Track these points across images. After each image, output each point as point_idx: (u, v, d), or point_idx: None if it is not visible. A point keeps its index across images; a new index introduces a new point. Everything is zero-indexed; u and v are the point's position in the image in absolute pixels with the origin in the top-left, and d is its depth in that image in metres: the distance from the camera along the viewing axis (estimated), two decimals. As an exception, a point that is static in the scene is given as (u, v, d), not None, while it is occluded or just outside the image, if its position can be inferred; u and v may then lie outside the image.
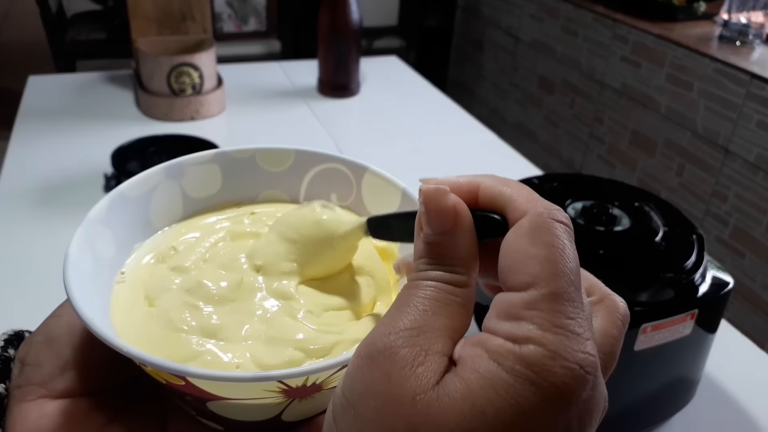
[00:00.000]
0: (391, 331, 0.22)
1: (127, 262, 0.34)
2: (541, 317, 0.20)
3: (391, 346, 0.21)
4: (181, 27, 1.25)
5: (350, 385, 0.22)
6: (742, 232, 1.63)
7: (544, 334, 0.20)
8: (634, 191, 0.68)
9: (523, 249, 0.22)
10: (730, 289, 0.59)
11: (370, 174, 0.37)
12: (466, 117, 1.33)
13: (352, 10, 1.27)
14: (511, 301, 0.21)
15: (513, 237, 0.22)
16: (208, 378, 0.25)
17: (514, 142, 1.40)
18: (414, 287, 0.23)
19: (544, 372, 0.19)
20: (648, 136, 1.90)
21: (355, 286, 0.33)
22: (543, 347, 0.20)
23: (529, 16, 2.37)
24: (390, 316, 0.23)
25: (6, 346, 0.30)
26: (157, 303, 0.31)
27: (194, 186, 0.38)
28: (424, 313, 0.22)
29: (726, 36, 1.78)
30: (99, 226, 0.33)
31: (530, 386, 0.19)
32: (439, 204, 0.23)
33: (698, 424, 0.65)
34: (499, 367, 0.20)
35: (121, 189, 0.34)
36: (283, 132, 1.21)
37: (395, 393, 0.20)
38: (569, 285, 0.21)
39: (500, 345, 0.20)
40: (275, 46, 2.76)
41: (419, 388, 0.20)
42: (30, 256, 0.82)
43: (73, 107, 1.25)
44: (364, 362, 0.22)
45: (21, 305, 0.73)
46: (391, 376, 0.21)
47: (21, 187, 0.97)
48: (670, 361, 0.59)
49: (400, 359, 0.21)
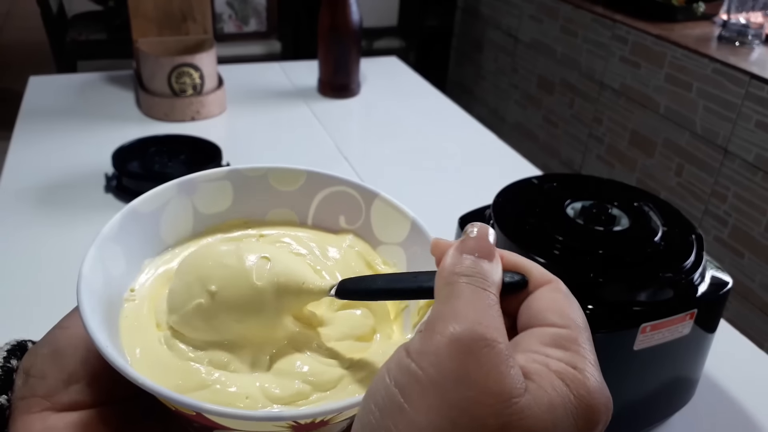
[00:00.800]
0: (479, 322, 0.23)
1: (137, 279, 0.34)
2: (584, 352, 0.25)
3: (488, 339, 0.23)
4: (181, 27, 1.25)
5: (436, 362, 0.22)
6: (741, 232, 1.63)
7: (591, 366, 0.24)
8: (634, 191, 0.68)
9: (560, 300, 0.27)
10: (729, 289, 0.59)
11: (381, 200, 0.37)
12: (466, 117, 1.33)
13: (352, 10, 1.27)
14: (557, 333, 0.25)
15: (549, 291, 0.27)
16: (220, 415, 0.26)
17: (513, 142, 1.40)
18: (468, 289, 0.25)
19: (595, 400, 0.23)
20: (647, 136, 1.90)
21: (353, 318, 0.33)
22: (594, 377, 0.24)
23: (529, 16, 2.37)
24: (459, 307, 0.24)
25: (9, 357, 0.31)
26: (165, 326, 0.31)
27: (205, 202, 0.38)
28: (493, 315, 0.24)
29: (725, 36, 1.78)
30: (111, 243, 0.33)
31: (587, 411, 0.23)
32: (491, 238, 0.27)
33: (697, 424, 0.65)
34: (569, 390, 0.23)
35: (134, 205, 0.34)
36: (283, 132, 1.21)
37: (493, 389, 0.22)
38: (590, 336, 0.26)
39: (565, 369, 0.24)
40: (276, 46, 2.77)
41: (515, 391, 0.22)
42: (31, 256, 0.82)
43: (74, 107, 1.25)
44: (455, 344, 0.22)
45: (22, 305, 0.73)
46: (489, 371, 0.22)
47: (22, 188, 0.97)
48: (669, 360, 0.59)
49: (498, 355, 0.22)
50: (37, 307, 0.72)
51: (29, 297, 0.74)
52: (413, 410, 0.22)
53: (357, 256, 0.37)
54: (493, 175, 1.10)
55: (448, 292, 0.25)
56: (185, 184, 0.37)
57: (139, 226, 0.35)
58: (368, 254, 0.37)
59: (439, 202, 0.99)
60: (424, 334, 0.23)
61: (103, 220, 0.33)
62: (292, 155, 1.13)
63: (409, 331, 0.34)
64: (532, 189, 0.68)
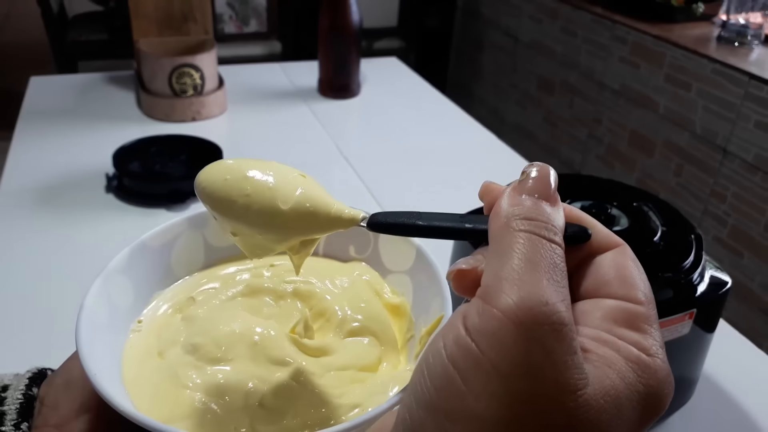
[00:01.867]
0: (543, 297, 0.21)
1: (145, 311, 0.34)
2: (657, 336, 0.23)
3: (553, 321, 0.20)
4: (182, 28, 1.25)
5: (497, 346, 0.20)
6: (741, 231, 1.63)
7: (662, 351, 0.23)
8: (633, 191, 0.69)
9: (636, 270, 0.24)
10: (728, 289, 0.59)
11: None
12: (466, 117, 1.33)
13: (352, 11, 1.28)
14: (634, 312, 0.23)
15: (620, 257, 0.25)
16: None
17: (513, 142, 1.41)
18: (529, 241, 0.22)
19: (664, 389, 0.22)
20: (647, 136, 1.90)
21: (359, 347, 0.33)
22: (665, 364, 0.23)
23: (528, 17, 2.37)
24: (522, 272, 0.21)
25: (31, 385, 0.31)
26: (167, 356, 0.32)
27: (216, 235, 0.38)
28: (556, 280, 0.22)
29: (724, 37, 1.78)
30: (118, 276, 0.33)
31: (654, 400, 0.22)
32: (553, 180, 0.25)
33: (697, 423, 0.65)
34: (638, 380, 0.22)
35: (144, 239, 0.35)
36: (283, 133, 1.22)
37: (558, 379, 0.20)
38: None
39: (637, 356, 0.22)
40: (276, 47, 2.77)
41: (580, 383, 0.20)
42: (31, 256, 0.82)
43: (75, 108, 1.25)
44: (519, 328, 0.20)
45: (22, 306, 0.73)
46: (553, 358, 0.20)
47: (23, 188, 0.97)
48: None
49: (563, 340, 0.20)
50: (37, 307, 0.72)
51: (29, 297, 0.75)
52: (473, 397, 0.20)
53: (366, 285, 0.37)
54: (493, 175, 1.10)
55: (507, 243, 0.22)
56: (195, 219, 0.37)
57: (148, 259, 0.35)
58: (377, 283, 0.37)
59: (439, 203, 0.99)
60: (482, 307, 0.21)
61: (104, 221, 0.34)
62: (292, 156, 1.13)
63: (413, 361, 0.33)
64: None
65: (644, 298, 0.23)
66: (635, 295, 0.23)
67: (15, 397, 0.30)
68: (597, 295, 0.24)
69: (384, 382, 0.31)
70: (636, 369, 0.22)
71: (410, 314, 0.36)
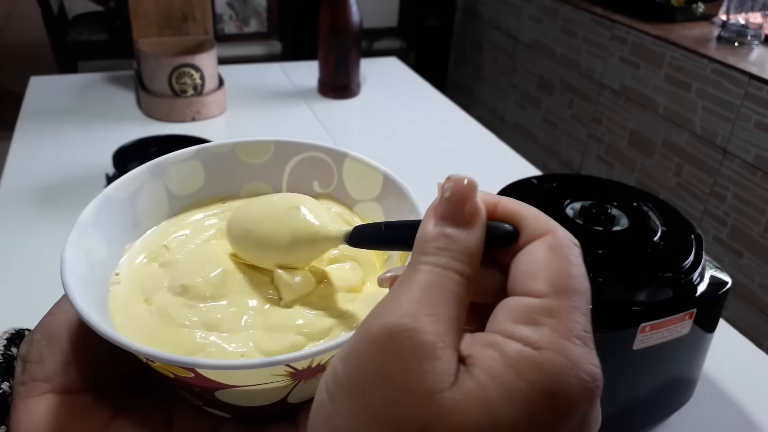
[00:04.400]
0: (407, 313, 0.21)
1: (120, 263, 0.34)
2: (561, 326, 0.21)
3: (409, 330, 0.20)
4: (182, 28, 1.25)
5: (357, 364, 0.21)
6: (740, 231, 1.63)
7: (564, 342, 0.20)
8: (633, 191, 0.69)
9: (546, 260, 0.23)
10: (728, 289, 0.59)
11: (351, 160, 0.38)
12: (466, 117, 1.33)
13: (352, 11, 1.28)
14: (530, 306, 0.21)
15: (537, 248, 0.23)
16: (217, 368, 0.26)
17: (513, 142, 1.41)
18: (423, 271, 0.22)
19: (562, 384, 0.20)
20: (646, 136, 1.90)
21: (342, 270, 0.34)
22: (562, 356, 0.20)
23: (528, 17, 2.37)
24: (401, 296, 0.22)
25: (9, 345, 0.31)
26: (155, 301, 0.32)
27: (178, 183, 0.38)
28: (436, 300, 0.21)
29: (724, 37, 1.78)
30: (89, 229, 0.33)
31: (545, 397, 0.20)
32: (467, 198, 0.23)
33: (696, 423, 0.65)
34: (517, 377, 0.20)
35: (108, 191, 0.35)
36: (283, 133, 1.22)
37: (412, 386, 0.20)
38: (587, 302, 0.22)
39: (519, 351, 0.20)
40: (276, 47, 2.77)
41: (437, 386, 0.20)
42: (31, 256, 0.82)
43: (75, 108, 1.26)
44: (375, 343, 0.21)
45: (23, 305, 0.73)
46: (408, 366, 0.20)
47: (23, 188, 0.97)
48: (669, 360, 0.59)
49: (419, 348, 0.20)
50: (38, 306, 0.72)
51: (31, 296, 0.75)
52: (337, 416, 0.21)
53: (335, 217, 0.37)
54: (493, 175, 1.10)
55: (406, 275, 0.23)
56: (155, 167, 0.37)
57: (115, 211, 0.35)
58: (345, 214, 0.38)
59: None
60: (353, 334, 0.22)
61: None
62: (292, 155, 1.13)
63: None
64: (531, 189, 0.68)
65: (549, 289, 0.22)
66: (536, 287, 0.22)
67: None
68: (511, 294, 0.23)
69: (372, 298, 0.32)
70: (517, 365, 0.20)
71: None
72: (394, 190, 0.35)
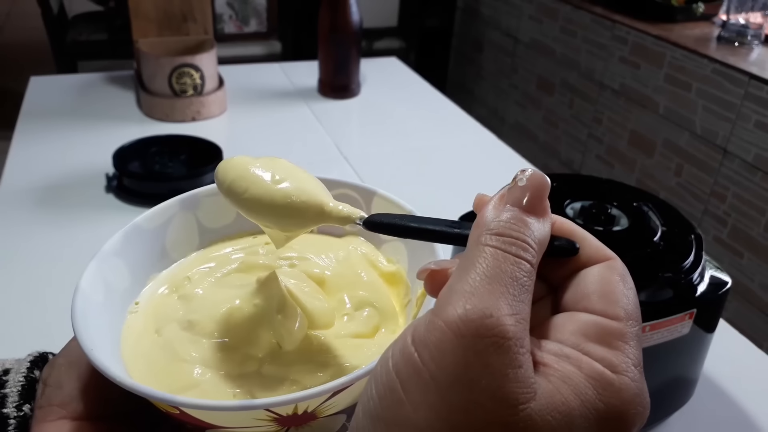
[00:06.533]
0: (493, 309, 0.20)
1: (142, 292, 0.34)
2: (633, 354, 0.22)
3: (494, 335, 0.20)
4: (182, 28, 1.25)
5: (438, 357, 0.20)
6: (741, 231, 1.63)
7: (634, 370, 0.22)
8: (633, 191, 0.69)
9: (617, 284, 0.24)
10: (728, 289, 0.59)
11: (379, 197, 0.38)
12: (466, 117, 1.33)
13: (352, 11, 1.28)
14: (606, 327, 0.22)
15: (606, 271, 0.24)
16: (196, 407, 0.26)
17: (513, 142, 1.41)
18: (494, 257, 0.22)
19: (630, 410, 0.21)
20: (647, 136, 1.90)
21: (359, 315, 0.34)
22: (634, 383, 0.21)
23: (528, 17, 2.37)
24: (476, 283, 0.21)
25: (32, 368, 0.31)
26: (164, 332, 0.32)
27: (209, 216, 0.38)
28: (513, 296, 0.21)
29: (724, 37, 1.78)
30: (113, 258, 0.33)
31: (617, 421, 0.21)
32: (546, 189, 0.24)
33: (696, 423, 0.65)
34: (597, 396, 0.21)
35: (137, 222, 0.35)
36: (283, 133, 1.22)
37: (498, 394, 0.20)
38: (641, 334, 0.23)
39: (600, 373, 0.21)
40: (276, 47, 2.77)
41: (522, 397, 0.20)
42: (31, 256, 0.82)
43: (75, 108, 1.25)
44: (460, 341, 0.20)
45: (23, 305, 0.73)
46: (492, 371, 0.20)
47: (23, 188, 0.97)
48: (669, 360, 0.59)
49: (504, 355, 0.20)
50: (38, 307, 0.72)
51: (30, 297, 0.75)
52: (412, 406, 0.20)
53: (361, 258, 0.37)
54: (493, 175, 1.10)
55: (472, 257, 0.22)
56: (188, 200, 0.37)
57: (143, 241, 0.35)
58: (371, 254, 0.38)
59: (439, 203, 0.99)
60: (430, 318, 0.21)
61: (104, 221, 0.34)
62: (292, 155, 1.13)
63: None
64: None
65: (623, 314, 0.23)
66: (613, 311, 0.23)
67: (16, 380, 0.30)
68: (575, 309, 0.23)
69: (382, 346, 0.31)
70: (596, 386, 0.21)
71: (406, 280, 0.36)
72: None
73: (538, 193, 0.23)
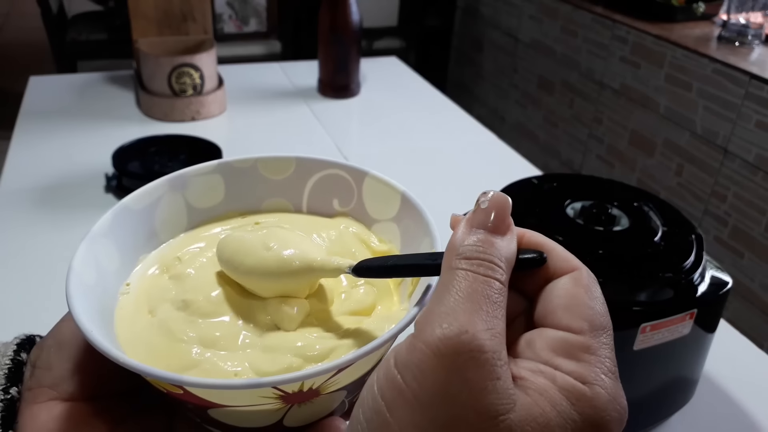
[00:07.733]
0: (464, 326, 0.21)
1: (132, 273, 0.34)
2: (600, 362, 0.23)
3: (472, 350, 0.21)
4: (181, 27, 1.25)
5: (419, 377, 0.21)
6: (741, 232, 1.63)
7: (604, 378, 0.23)
8: (633, 191, 0.69)
9: (579, 297, 0.24)
10: (728, 289, 0.59)
11: (370, 178, 0.37)
12: (466, 117, 1.33)
13: (352, 10, 1.28)
14: (570, 341, 0.23)
15: (568, 284, 0.25)
16: (203, 386, 0.26)
17: (513, 142, 1.41)
18: (465, 278, 0.23)
19: (605, 416, 0.22)
20: (647, 136, 1.90)
21: (355, 293, 0.34)
22: (605, 391, 0.22)
23: (529, 16, 2.37)
24: (451, 305, 0.22)
25: (19, 350, 0.31)
26: (157, 313, 0.32)
27: (198, 197, 0.38)
28: (488, 312, 0.22)
29: (725, 36, 1.78)
30: (103, 239, 0.33)
31: (593, 428, 0.22)
32: (508, 209, 0.25)
33: (697, 424, 0.65)
34: (571, 407, 0.22)
35: (125, 202, 0.35)
36: (283, 132, 1.21)
37: (477, 406, 0.21)
38: (612, 337, 0.24)
39: (572, 385, 0.22)
40: (276, 46, 2.76)
41: (502, 408, 0.21)
42: (31, 256, 0.82)
43: (74, 107, 1.25)
44: (440, 360, 0.21)
45: (22, 305, 0.73)
46: (471, 385, 0.21)
47: (22, 188, 0.97)
48: (669, 360, 0.59)
49: (481, 368, 0.21)
50: (38, 306, 0.72)
51: (30, 297, 0.74)
52: (398, 427, 0.21)
53: (353, 237, 0.37)
54: (493, 175, 1.10)
55: (446, 281, 0.23)
56: (176, 180, 0.37)
57: (132, 222, 0.35)
58: (363, 234, 0.37)
59: (439, 203, 0.99)
60: (411, 341, 0.22)
61: (104, 220, 0.33)
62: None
63: (405, 300, 0.34)
64: (532, 189, 0.68)
65: (587, 327, 0.24)
66: (577, 324, 0.24)
67: (3, 362, 0.30)
68: (544, 324, 0.25)
69: (379, 323, 0.32)
70: (570, 397, 0.22)
71: None
72: (411, 211, 0.35)
73: (501, 212, 0.25)
